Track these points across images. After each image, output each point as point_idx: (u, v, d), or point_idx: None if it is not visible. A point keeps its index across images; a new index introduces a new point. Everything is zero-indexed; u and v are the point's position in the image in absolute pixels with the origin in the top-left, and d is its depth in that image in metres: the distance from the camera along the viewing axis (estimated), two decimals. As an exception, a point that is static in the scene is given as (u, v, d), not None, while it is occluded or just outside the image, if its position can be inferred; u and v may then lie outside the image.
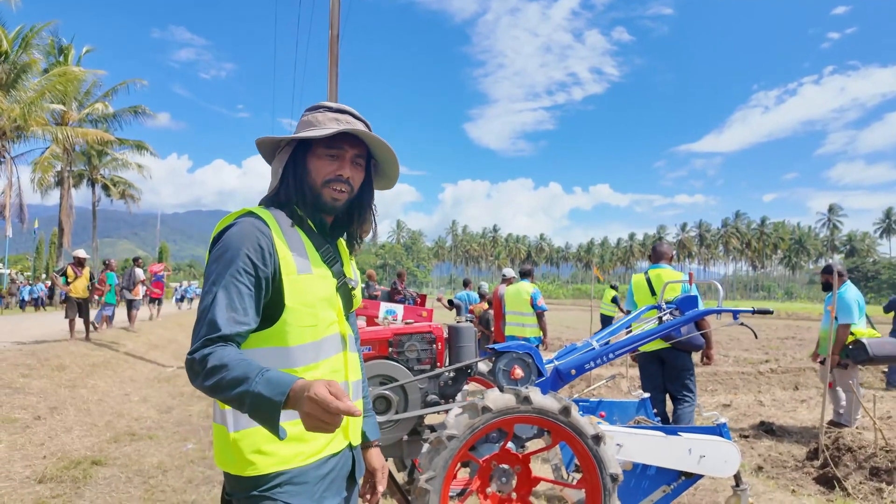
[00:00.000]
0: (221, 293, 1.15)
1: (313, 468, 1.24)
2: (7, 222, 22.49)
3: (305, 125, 1.35)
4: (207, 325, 1.12)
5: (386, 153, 1.38)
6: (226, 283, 1.16)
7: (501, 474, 2.60)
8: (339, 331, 1.35)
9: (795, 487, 4.09)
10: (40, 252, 49.46)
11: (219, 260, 1.19)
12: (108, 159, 31.30)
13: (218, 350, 1.08)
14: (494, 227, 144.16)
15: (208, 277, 1.19)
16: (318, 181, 1.31)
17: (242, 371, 1.02)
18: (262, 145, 1.37)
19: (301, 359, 1.25)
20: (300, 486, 1.22)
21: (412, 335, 2.87)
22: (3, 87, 18.85)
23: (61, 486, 3.89)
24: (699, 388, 8.20)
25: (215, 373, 1.04)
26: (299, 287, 1.25)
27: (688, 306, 3.40)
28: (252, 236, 1.20)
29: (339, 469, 1.32)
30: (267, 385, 0.99)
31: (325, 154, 1.31)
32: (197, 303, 2.97)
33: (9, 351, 8.32)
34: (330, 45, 10.36)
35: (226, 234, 1.22)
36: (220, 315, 1.13)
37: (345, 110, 1.36)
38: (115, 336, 11.63)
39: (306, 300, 1.26)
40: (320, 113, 1.35)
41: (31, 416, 5.40)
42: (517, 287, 7.14)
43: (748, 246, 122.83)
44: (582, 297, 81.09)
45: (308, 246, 1.31)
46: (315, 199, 1.32)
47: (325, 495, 1.26)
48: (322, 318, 1.29)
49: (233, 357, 1.06)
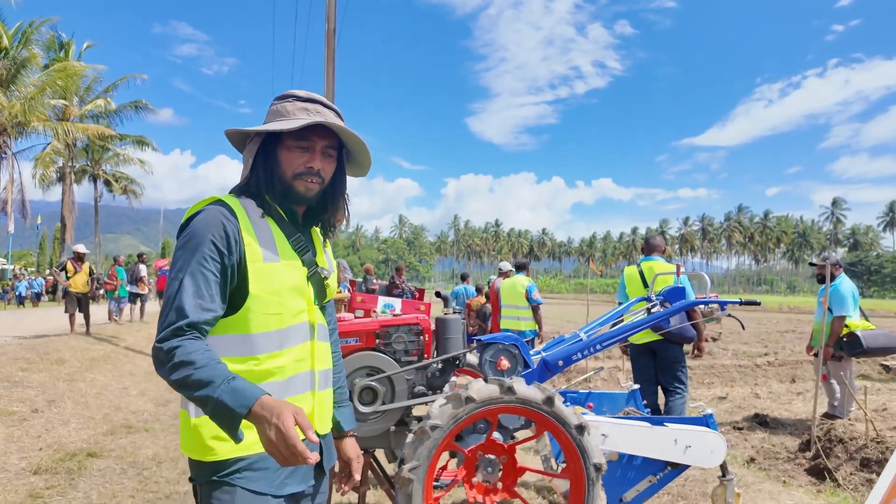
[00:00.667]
0: (188, 280, 1.16)
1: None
2: (9, 218, 22.57)
3: (275, 115, 1.34)
4: (175, 312, 1.13)
5: (357, 143, 1.37)
6: (192, 270, 1.17)
7: (487, 464, 2.61)
8: (307, 319, 1.34)
9: (786, 479, 4.10)
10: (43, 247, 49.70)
11: (185, 247, 1.20)
12: (109, 155, 31.34)
13: (185, 343, 1.09)
14: (496, 222, 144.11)
15: (174, 264, 1.20)
16: (289, 174, 1.31)
17: (208, 374, 1.04)
18: (231, 136, 1.37)
19: (264, 346, 1.25)
20: (260, 472, 1.22)
21: (399, 327, 2.88)
22: (4, 84, 18.88)
23: (56, 478, 3.92)
24: (695, 381, 8.22)
25: (181, 368, 1.06)
26: (264, 275, 1.25)
27: (675, 298, 3.40)
28: (217, 223, 1.21)
29: None
30: (231, 394, 1.01)
31: (295, 146, 1.31)
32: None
33: (9, 345, 8.38)
34: (327, 39, 10.34)
35: (192, 221, 1.23)
36: (188, 302, 1.14)
37: (315, 99, 1.35)
38: (115, 331, 11.70)
39: (271, 288, 1.25)
40: (289, 102, 1.33)
41: (28, 409, 5.45)
42: (513, 281, 7.15)
43: (751, 240, 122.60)
44: (584, 292, 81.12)
45: (277, 234, 1.30)
46: (286, 190, 1.32)
47: (287, 482, 1.26)
48: (289, 306, 1.29)
49: (200, 355, 1.07)
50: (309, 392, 1.34)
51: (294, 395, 1.30)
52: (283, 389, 1.27)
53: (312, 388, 1.35)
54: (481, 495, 2.59)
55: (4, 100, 18.37)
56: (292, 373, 1.29)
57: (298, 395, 1.31)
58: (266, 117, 1.37)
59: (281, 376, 1.27)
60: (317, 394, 1.36)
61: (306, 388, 1.33)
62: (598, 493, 2.47)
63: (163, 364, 1.10)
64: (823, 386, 5.46)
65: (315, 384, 1.35)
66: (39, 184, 24.61)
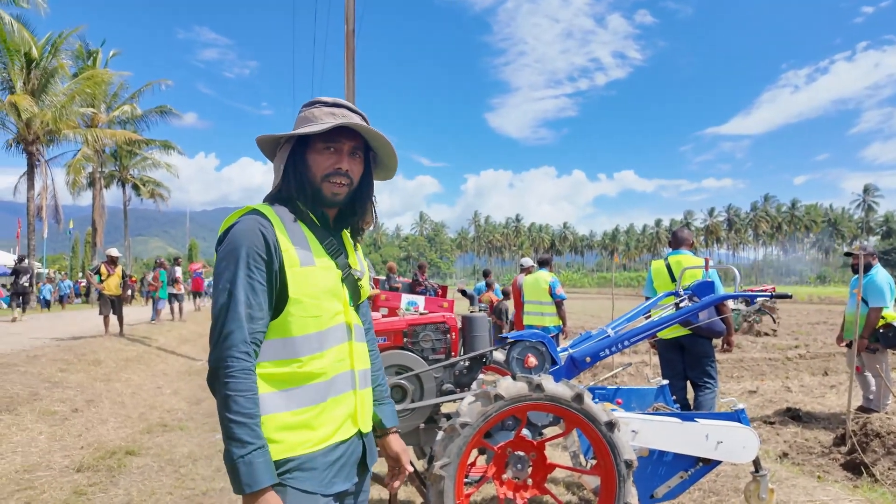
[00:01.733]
0: (237, 291, 1.21)
1: (321, 455, 1.28)
2: (44, 223, 23.27)
3: (303, 121, 1.38)
4: (229, 323, 1.19)
5: (383, 144, 1.40)
6: (239, 280, 1.21)
7: (517, 461, 2.63)
8: (344, 321, 1.38)
9: (821, 474, 4.03)
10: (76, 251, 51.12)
11: (227, 258, 1.24)
12: (137, 159, 32.09)
13: (238, 377, 1.17)
14: (517, 217, 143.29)
15: (220, 276, 1.24)
16: (318, 175, 1.35)
17: (245, 434, 1.15)
18: (262, 143, 1.41)
19: (306, 348, 1.29)
20: (309, 472, 1.26)
21: (426, 325, 2.92)
22: (35, 93, 19.46)
23: (98, 475, 4.07)
24: (724, 375, 8.10)
25: (227, 402, 1.16)
26: (302, 279, 1.28)
27: (704, 292, 3.36)
28: (256, 232, 1.25)
29: (349, 456, 1.35)
30: (247, 468, 1.13)
31: (323, 148, 1.35)
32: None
33: (48, 347, 8.66)
34: (346, 41, 10.42)
35: (231, 232, 1.27)
36: (240, 313, 1.20)
37: (340, 104, 1.39)
38: (147, 331, 12.01)
39: (310, 291, 1.29)
40: (316, 108, 1.38)
41: (69, 409, 5.64)
42: (535, 276, 7.13)
43: (779, 229, 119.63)
44: (607, 286, 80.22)
45: (311, 239, 1.34)
46: (315, 194, 1.36)
47: (335, 481, 1.30)
48: (326, 308, 1.33)
49: (245, 401, 1.17)
50: (350, 391, 1.37)
51: (336, 394, 1.33)
52: (327, 390, 1.31)
53: (353, 388, 1.38)
54: (511, 491, 2.60)
55: (36, 109, 18.92)
56: (334, 373, 1.33)
57: (340, 395, 1.35)
58: (295, 124, 1.41)
59: (324, 377, 1.31)
60: (358, 393, 1.39)
61: (347, 387, 1.37)
62: (629, 490, 2.47)
63: (212, 385, 1.20)
64: (857, 378, 5.33)
65: (356, 384, 1.39)
66: (71, 190, 25.34)
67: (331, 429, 1.31)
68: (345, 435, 1.34)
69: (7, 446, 4.50)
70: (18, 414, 5.14)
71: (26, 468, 4.14)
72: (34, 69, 19.67)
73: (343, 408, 1.34)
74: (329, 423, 1.30)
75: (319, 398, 1.29)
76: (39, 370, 6.73)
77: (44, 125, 19.46)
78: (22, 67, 19.45)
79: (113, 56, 28.91)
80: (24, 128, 19.22)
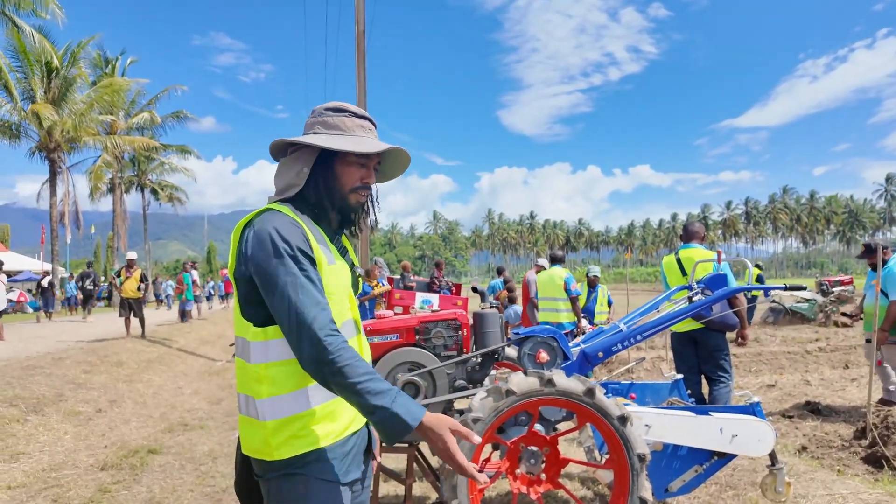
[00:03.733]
0: (303, 282, 1.22)
1: (339, 445, 1.32)
2: (67, 229, 23.76)
3: (331, 127, 1.39)
4: (311, 309, 1.19)
5: (403, 160, 1.49)
6: (299, 273, 1.22)
7: (530, 456, 2.64)
8: (352, 316, 1.42)
9: (841, 467, 3.97)
10: (98, 256, 52.08)
11: (280, 256, 1.22)
12: (155, 164, 32.60)
13: (343, 347, 1.18)
14: (531, 214, 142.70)
15: (276, 274, 1.21)
16: (347, 187, 1.39)
17: (380, 385, 1.17)
18: (277, 145, 1.41)
19: None
20: (329, 463, 1.30)
21: (438, 322, 2.94)
22: (56, 102, 19.86)
23: (121, 473, 4.17)
24: (742, 369, 8.01)
25: (350, 371, 1.16)
26: (331, 277, 1.32)
27: (717, 285, 3.34)
28: (298, 230, 1.28)
29: (359, 445, 1.41)
30: (404, 408, 1.16)
31: (356, 163, 1.39)
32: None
33: (72, 349, 8.87)
34: (357, 41, 10.49)
35: (267, 231, 1.25)
36: (316, 298, 1.22)
37: (366, 116, 1.44)
38: (168, 333, 12.22)
39: (334, 289, 1.33)
40: (346, 118, 1.40)
41: (93, 409, 5.78)
42: (550, 273, 7.12)
43: (798, 221, 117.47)
44: (623, 282, 79.61)
45: (327, 239, 1.39)
46: (342, 203, 1.40)
47: (350, 469, 1.35)
48: (343, 305, 1.38)
49: (365, 365, 1.19)
50: None
51: None
52: None
53: None
54: (525, 486, 2.62)
55: (57, 117, 19.32)
56: None
57: None
58: (314, 126, 1.40)
59: None
60: None
61: None
62: (643, 484, 2.47)
63: (322, 373, 1.18)
64: (878, 371, 5.25)
65: None
66: (92, 196, 25.86)
67: (347, 419, 1.35)
68: (357, 425, 1.39)
69: (35, 446, 4.63)
70: (45, 414, 5.29)
71: (53, 467, 4.26)
72: (54, 78, 20.08)
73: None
74: (346, 413, 1.35)
75: None
76: (64, 372, 6.90)
77: (64, 133, 19.85)
78: (43, 77, 19.87)
79: (131, 64, 29.42)
80: (46, 136, 19.63)
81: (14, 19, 17.49)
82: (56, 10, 17.69)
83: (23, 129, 19.98)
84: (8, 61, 18.90)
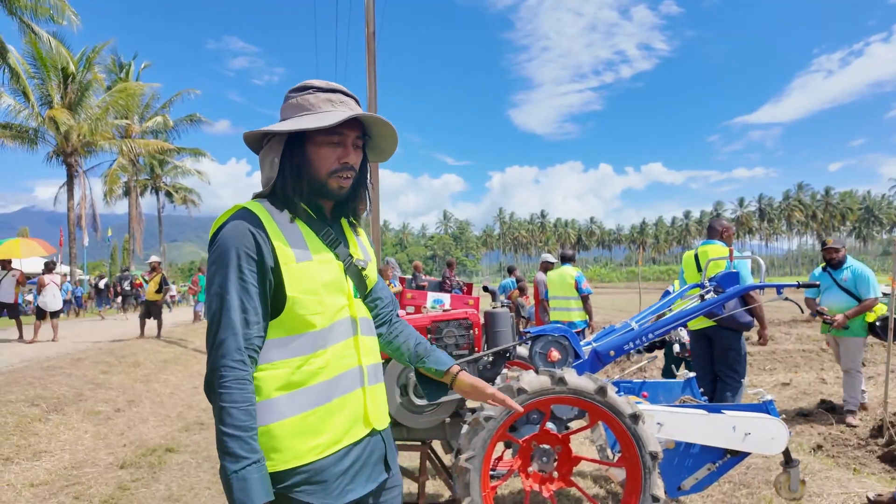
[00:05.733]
0: (230, 295, 1.15)
1: (332, 463, 1.21)
2: (84, 232, 24.16)
3: (296, 109, 1.27)
4: (224, 330, 1.13)
5: (387, 131, 1.33)
6: (231, 284, 1.16)
7: (542, 454, 2.66)
8: (349, 315, 1.30)
9: (857, 466, 3.94)
10: (114, 258, 52.85)
11: (218, 262, 1.18)
12: (169, 167, 33.02)
13: (232, 387, 1.11)
14: (542, 213, 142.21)
15: (212, 281, 1.18)
16: (323, 172, 1.27)
17: (239, 448, 1.08)
18: (249, 139, 1.31)
19: (308, 346, 1.22)
20: (318, 485, 1.19)
21: (449, 322, 2.97)
22: (73, 107, 20.21)
23: (140, 471, 4.25)
24: (757, 367, 7.94)
25: (225, 416, 1.10)
26: (299, 275, 1.21)
27: (729, 283, 3.33)
28: (245, 232, 1.18)
29: (365, 458, 1.28)
30: (243, 486, 1.07)
31: (326, 142, 1.26)
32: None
33: (90, 350, 9.03)
34: (367, 43, 10.54)
35: (220, 235, 1.20)
36: (235, 318, 1.14)
37: (336, 89, 1.30)
38: (183, 333, 12.38)
39: (308, 287, 1.22)
40: (311, 94, 1.27)
41: (112, 409, 5.89)
42: (560, 272, 7.12)
43: (813, 218, 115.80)
44: (635, 280, 79.02)
45: (306, 233, 1.27)
46: (319, 189, 1.29)
47: (350, 488, 1.24)
48: (328, 304, 1.25)
49: (241, 413, 1.10)
50: (359, 389, 1.29)
51: (343, 393, 1.26)
52: (331, 389, 1.24)
53: (362, 385, 1.30)
54: (537, 484, 2.64)
55: (73, 122, 19.65)
56: (339, 371, 1.26)
57: (348, 394, 1.27)
58: (283, 112, 1.31)
59: (327, 375, 1.24)
60: (367, 389, 1.31)
61: (356, 385, 1.29)
62: (655, 482, 2.48)
63: (208, 395, 1.15)
64: (845, 377, 5.26)
65: (364, 380, 1.31)
66: (108, 198, 26.25)
67: (339, 432, 1.23)
68: (355, 436, 1.26)
69: (56, 444, 4.73)
70: (65, 414, 5.40)
71: (74, 465, 4.36)
72: (71, 83, 20.43)
73: (351, 407, 1.26)
74: (337, 424, 1.23)
75: (325, 398, 1.22)
76: (83, 372, 7.03)
77: (81, 137, 20.20)
78: (59, 82, 20.23)
79: (144, 68, 29.84)
80: (63, 140, 19.99)
81: (32, 26, 17.82)
82: (71, 16, 17.99)
83: (40, 134, 20.35)
84: (28, 67, 19.28)
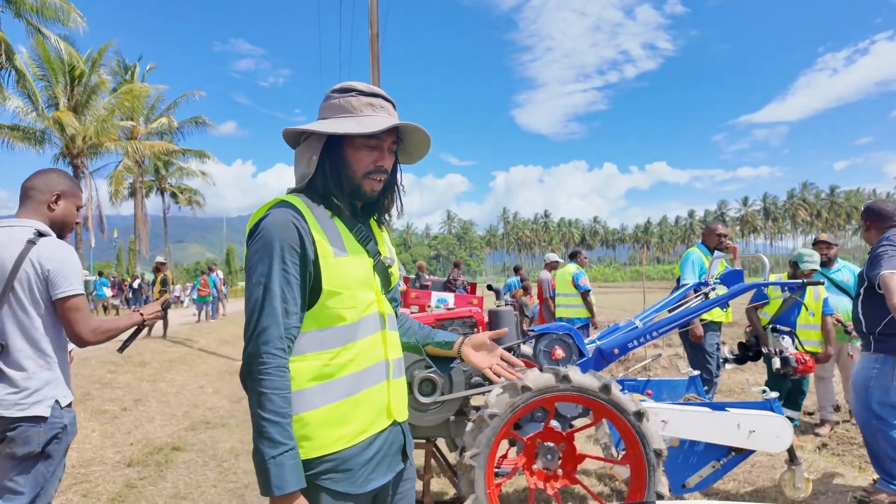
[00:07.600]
0: (273, 284, 1.19)
1: (357, 453, 1.25)
2: (90, 233, 24.29)
3: (338, 110, 1.32)
4: (265, 318, 1.18)
5: (421, 137, 1.38)
6: (274, 274, 1.19)
7: (546, 451, 2.67)
8: (378, 310, 1.35)
9: (863, 465, 3.93)
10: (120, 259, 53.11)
11: (261, 251, 1.21)
12: (174, 168, 33.17)
13: (273, 374, 1.15)
14: (546, 213, 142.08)
15: (253, 269, 1.21)
16: (359, 173, 1.31)
17: (278, 434, 1.12)
18: (288, 134, 1.36)
19: (339, 339, 1.27)
20: (344, 473, 1.24)
21: (454, 320, 2.98)
22: (78, 109, 20.33)
23: (147, 470, 4.28)
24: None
25: (264, 402, 1.14)
26: (336, 270, 1.26)
27: (732, 281, 3.34)
28: (289, 224, 1.22)
29: (387, 448, 1.33)
30: (279, 472, 1.11)
31: (365, 145, 1.30)
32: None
33: (97, 350, 9.09)
34: (371, 44, 10.58)
35: (262, 225, 1.23)
36: (275, 308, 1.18)
37: (377, 93, 1.34)
38: (189, 333, 12.45)
39: (343, 282, 1.26)
40: (353, 97, 1.32)
41: (118, 408, 5.93)
42: (563, 269, 7.14)
43: (818, 217, 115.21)
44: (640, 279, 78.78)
45: (342, 229, 1.31)
46: (354, 190, 1.33)
47: (372, 477, 1.28)
48: (360, 298, 1.29)
49: (280, 399, 1.15)
50: (384, 381, 1.34)
51: (370, 385, 1.31)
52: (360, 381, 1.29)
53: (387, 378, 1.35)
54: (542, 482, 2.65)
55: (79, 124, 19.77)
56: (367, 364, 1.30)
57: (375, 386, 1.32)
58: (323, 111, 1.36)
59: (356, 367, 1.28)
60: (392, 382, 1.36)
61: (381, 377, 1.34)
62: (660, 479, 2.49)
63: (245, 381, 1.18)
64: (818, 385, 5.23)
65: (390, 373, 1.36)
66: (113, 200, 26.40)
67: (365, 422, 1.28)
68: (379, 427, 1.31)
69: (64, 443, 4.77)
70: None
71: (82, 463, 4.39)
72: (77, 85, 20.54)
73: (376, 399, 1.31)
74: (364, 415, 1.28)
75: (354, 389, 1.27)
76: (90, 372, 7.08)
77: (87, 139, 20.31)
78: (66, 84, 20.36)
79: (150, 70, 30.04)
80: (69, 142, 20.10)
81: (40, 28, 17.92)
82: (77, 18, 18.08)
83: (47, 136, 20.48)
84: (36, 70, 19.39)
